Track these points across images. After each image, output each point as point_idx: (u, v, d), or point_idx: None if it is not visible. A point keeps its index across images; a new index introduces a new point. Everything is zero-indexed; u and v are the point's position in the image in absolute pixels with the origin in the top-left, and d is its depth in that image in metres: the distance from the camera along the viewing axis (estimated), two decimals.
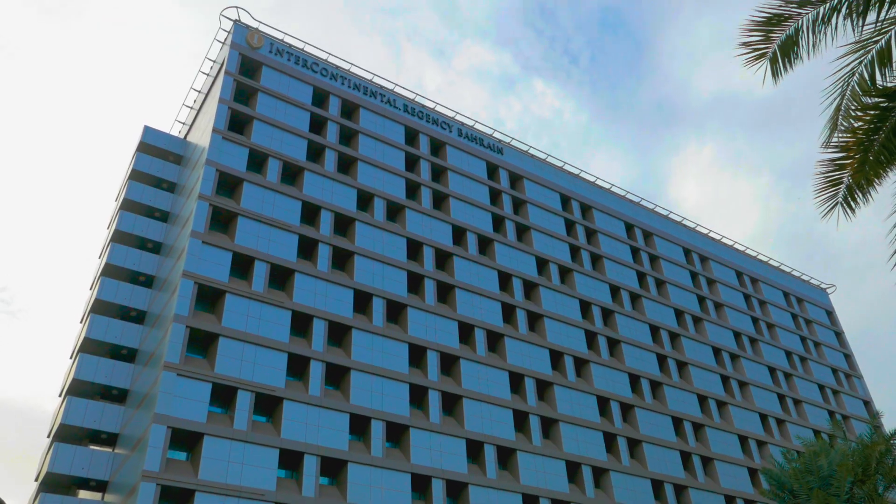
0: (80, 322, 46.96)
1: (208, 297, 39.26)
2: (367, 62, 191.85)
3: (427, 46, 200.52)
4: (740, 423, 59.01)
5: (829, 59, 11.50)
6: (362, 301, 44.43)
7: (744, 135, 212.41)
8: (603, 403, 51.42)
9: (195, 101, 54.11)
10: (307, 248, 44.40)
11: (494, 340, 49.05)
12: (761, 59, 12.05)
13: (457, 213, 53.01)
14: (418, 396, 42.95)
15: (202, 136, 46.48)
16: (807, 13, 11.36)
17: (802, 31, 11.55)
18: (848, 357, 77.63)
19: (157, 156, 50.58)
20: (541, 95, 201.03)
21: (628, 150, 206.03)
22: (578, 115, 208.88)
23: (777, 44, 11.81)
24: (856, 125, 11.62)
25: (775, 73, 12.04)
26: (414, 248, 49.39)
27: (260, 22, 50.92)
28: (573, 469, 46.47)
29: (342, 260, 45.50)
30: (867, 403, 73.81)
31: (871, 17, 10.98)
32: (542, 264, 56.09)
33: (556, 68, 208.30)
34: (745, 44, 11.98)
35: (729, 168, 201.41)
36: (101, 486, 38.50)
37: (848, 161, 11.81)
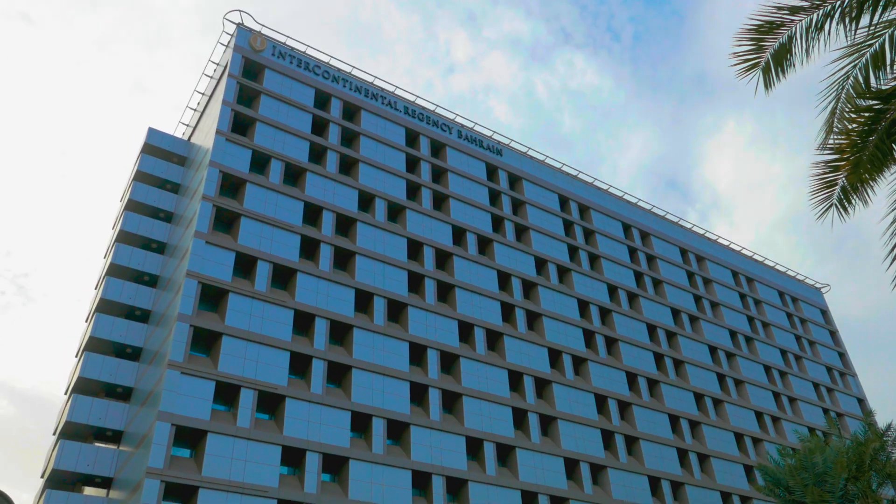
0: (86, 321, 46.97)
1: (212, 297, 39.27)
2: (395, 29, 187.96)
3: (457, 13, 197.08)
4: (736, 420, 59.02)
5: (823, 63, 11.46)
6: (363, 300, 44.44)
7: (783, 112, 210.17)
8: (601, 401, 51.43)
9: (199, 103, 54.12)
10: (309, 248, 44.41)
11: (494, 339, 49.06)
12: (754, 70, 11.93)
13: (457, 214, 53.02)
14: (419, 394, 42.96)
15: (206, 138, 46.49)
16: (800, 20, 11.31)
17: (795, 39, 11.47)
18: (842, 355, 77.66)
19: (162, 157, 50.58)
20: (580, 72, 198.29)
21: (666, 129, 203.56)
22: (616, 93, 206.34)
23: (770, 52, 11.70)
24: (850, 127, 11.61)
25: (768, 84, 11.91)
26: (414, 249, 49.40)
27: (262, 25, 50.97)
28: (571, 466, 46.49)
29: (344, 260, 45.51)
30: (861, 401, 73.82)
31: (865, 20, 10.98)
32: (540, 264, 56.10)
33: (597, 44, 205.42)
34: (736, 54, 11.83)
35: (766, 148, 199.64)
36: (105, 483, 38.51)
37: (842, 163, 11.81)
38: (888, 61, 10.94)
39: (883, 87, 11.27)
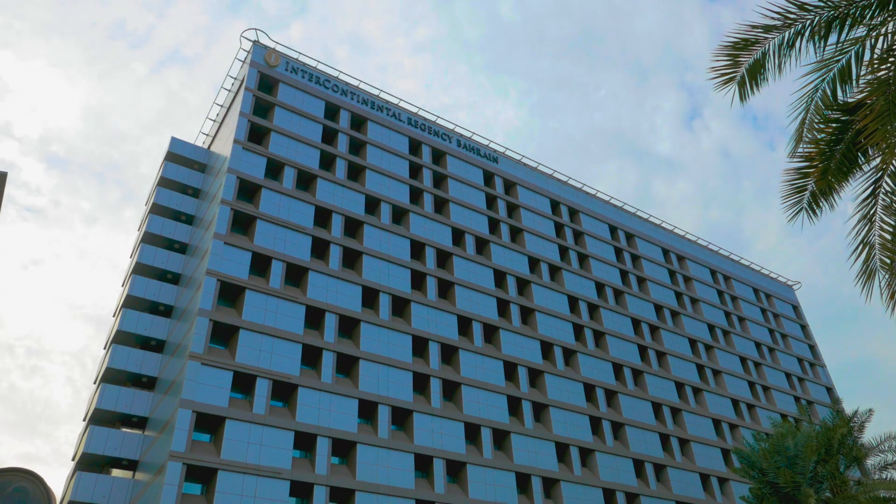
0: (113, 315, 46.98)
1: (230, 293, 39.28)
2: None
3: None
4: (714, 408, 59.01)
5: (795, 77, 11.54)
6: (370, 297, 44.44)
7: None
8: (589, 390, 51.43)
9: (218, 114, 54.13)
10: (320, 249, 44.42)
11: (490, 333, 49.05)
12: (730, 83, 11.92)
13: (456, 217, 53.01)
14: (421, 383, 42.96)
15: (224, 147, 46.50)
16: (773, 38, 11.32)
17: (769, 55, 11.47)
18: (812, 348, 77.63)
19: (184, 164, 50.57)
20: None
21: None
22: None
23: (745, 67, 11.70)
24: (819, 137, 11.63)
25: (743, 96, 11.89)
26: (417, 249, 49.40)
27: (276, 42, 50.99)
28: (562, 450, 46.48)
29: (352, 259, 45.51)
30: (830, 390, 73.82)
31: (833, 38, 11.00)
32: (533, 263, 56.09)
33: None
34: (713, 69, 11.82)
35: None
36: (132, 465, 38.53)
37: (811, 170, 11.83)
38: (854, 76, 10.96)
39: (849, 100, 11.30)
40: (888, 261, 11.07)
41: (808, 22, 10.93)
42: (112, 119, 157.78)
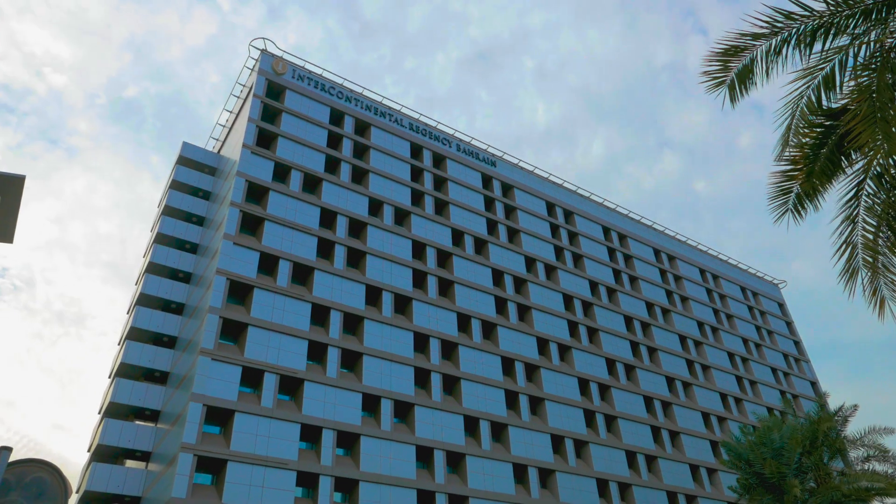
0: (127, 313, 46.97)
1: (239, 292, 39.28)
2: None
3: None
4: (703, 401, 59.02)
5: (781, 84, 11.57)
6: (373, 295, 44.45)
7: None
8: (583, 384, 51.44)
9: (227, 120, 54.13)
10: (325, 249, 44.42)
11: (488, 329, 49.05)
12: (721, 87, 12.03)
13: (456, 218, 53.02)
14: (422, 378, 42.96)
15: (233, 151, 46.51)
16: (760, 45, 11.37)
17: (757, 61, 11.54)
18: (797, 343, 77.63)
19: (195, 168, 50.58)
20: None
21: None
22: None
23: (735, 72, 11.79)
24: (804, 141, 11.66)
25: (733, 98, 12.01)
26: (418, 249, 49.40)
27: (283, 51, 51.00)
28: (557, 441, 46.49)
29: (356, 259, 45.52)
30: (814, 384, 73.81)
31: (818, 46, 11.02)
32: (530, 263, 56.09)
33: None
34: (705, 72, 11.97)
35: None
36: (145, 457, 38.54)
37: (797, 172, 11.85)
38: (838, 83, 10.98)
39: (833, 106, 11.32)
40: (871, 259, 11.10)
41: (794, 30, 10.95)
42: (160, 50, 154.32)
